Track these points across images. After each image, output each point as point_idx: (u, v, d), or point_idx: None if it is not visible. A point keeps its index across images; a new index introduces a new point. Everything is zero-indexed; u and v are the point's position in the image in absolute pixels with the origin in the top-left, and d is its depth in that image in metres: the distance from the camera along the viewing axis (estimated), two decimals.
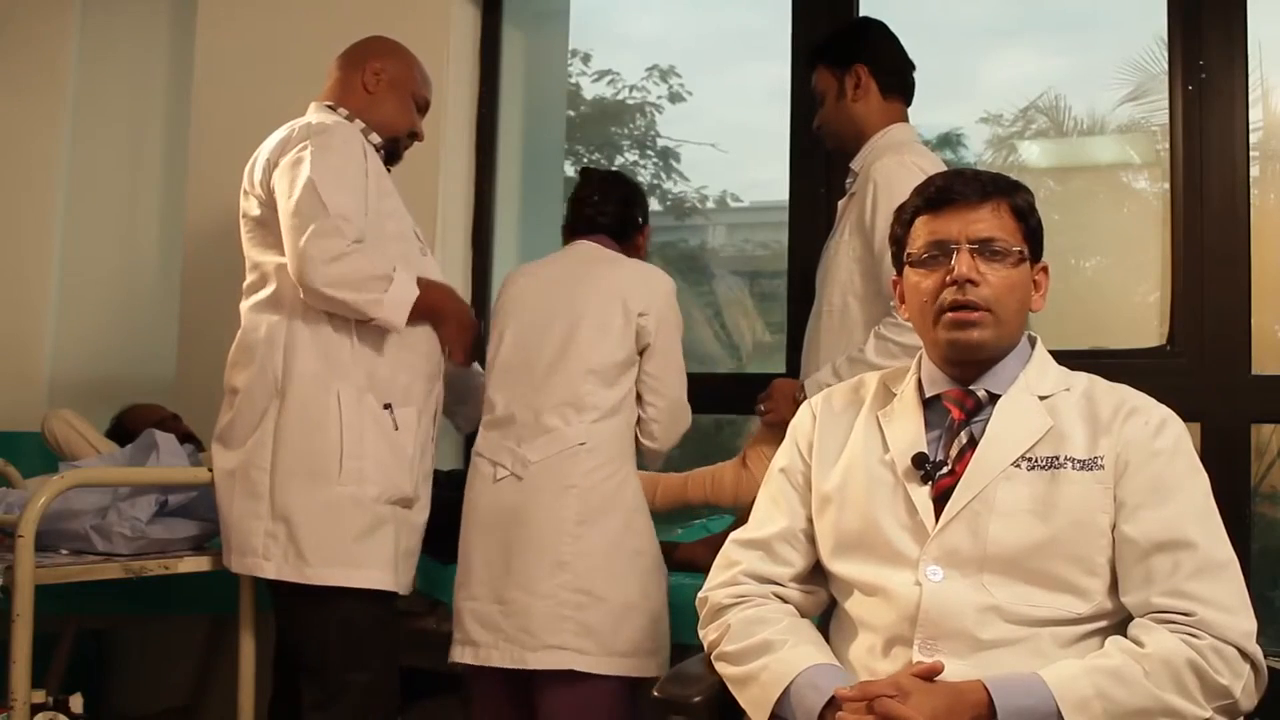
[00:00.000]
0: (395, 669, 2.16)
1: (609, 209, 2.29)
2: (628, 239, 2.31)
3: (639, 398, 2.17)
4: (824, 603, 1.58)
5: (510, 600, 2.04)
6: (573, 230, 2.32)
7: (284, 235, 2.06)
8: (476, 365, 2.40)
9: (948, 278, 1.45)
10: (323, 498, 2.05)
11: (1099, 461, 1.40)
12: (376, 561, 2.09)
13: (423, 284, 2.15)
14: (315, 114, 2.24)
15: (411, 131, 2.33)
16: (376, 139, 2.25)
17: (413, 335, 2.18)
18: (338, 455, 2.06)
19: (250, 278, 2.20)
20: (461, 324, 2.26)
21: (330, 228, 2.02)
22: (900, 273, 1.56)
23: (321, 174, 2.05)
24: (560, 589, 2.02)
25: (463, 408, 2.38)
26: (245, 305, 2.20)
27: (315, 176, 2.04)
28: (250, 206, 2.18)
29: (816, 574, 1.57)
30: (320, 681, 2.08)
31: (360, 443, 2.08)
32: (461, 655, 2.09)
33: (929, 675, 1.32)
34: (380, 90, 2.28)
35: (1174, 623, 1.31)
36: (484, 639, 2.06)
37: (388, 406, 2.13)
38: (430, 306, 2.17)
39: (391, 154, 2.32)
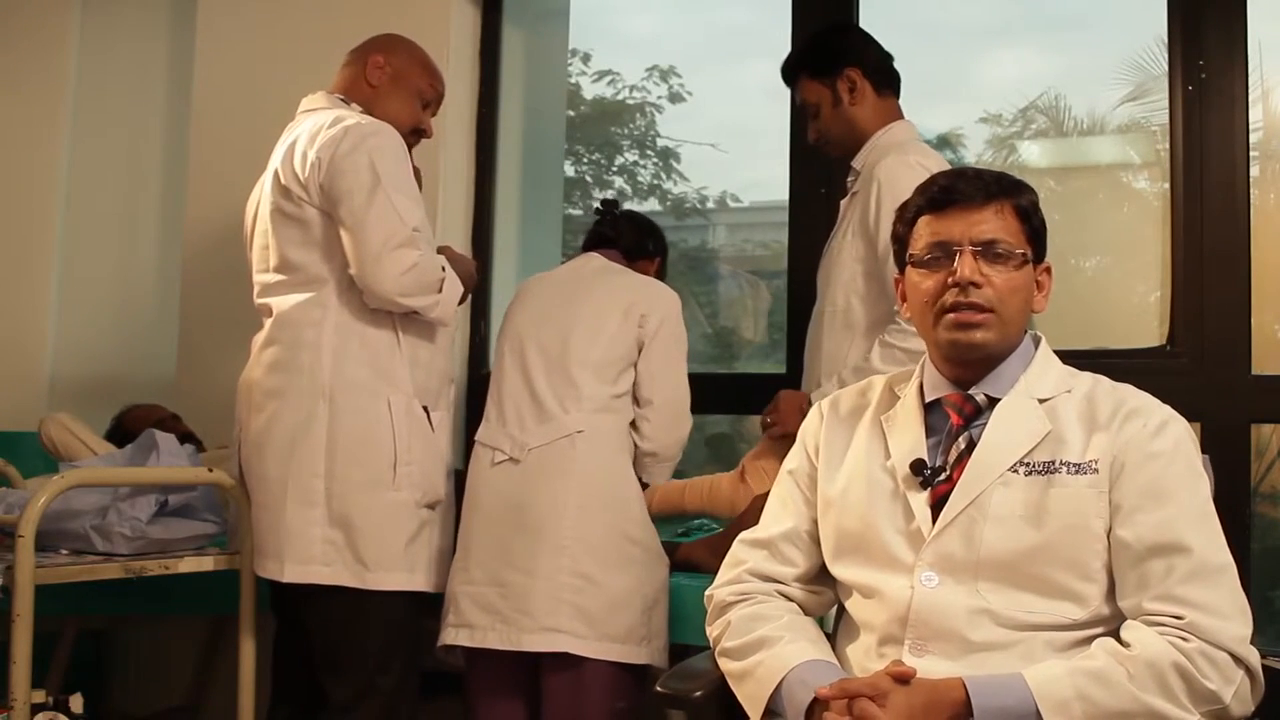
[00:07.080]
0: (418, 670, 2.18)
1: (623, 229, 2.37)
2: (636, 260, 2.35)
3: (635, 398, 2.18)
4: (831, 603, 1.58)
5: (509, 583, 2.05)
6: (585, 247, 2.38)
7: (355, 241, 2.05)
8: None
9: (950, 279, 1.44)
10: (380, 503, 2.07)
11: (1093, 465, 1.38)
12: (422, 565, 2.12)
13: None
14: (342, 109, 2.19)
15: (416, 128, 2.29)
16: None
17: (439, 338, 2.21)
18: (392, 461, 2.08)
19: (282, 275, 2.15)
20: (467, 283, 2.26)
21: (407, 239, 2.04)
22: (902, 271, 1.56)
23: (392, 183, 2.06)
24: (559, 572, 2.03)
25: None
26: (280, 303, 2.15)
27: (388, 186, 2.05)
28: (285, 203, 2.13)
29: (822, 574, 1.57)
30: (351, 682, 2.08)
31: (410, 449, 2.10)
32: (455, 638, 2.09)
33: (903, 679, 1.32)
34: (383, 84, 2.25)
35: (1164, 625, 1.29)
36: (481, 621, 2.06)
37: (425, 409, 2.16)
38: None
39: None
